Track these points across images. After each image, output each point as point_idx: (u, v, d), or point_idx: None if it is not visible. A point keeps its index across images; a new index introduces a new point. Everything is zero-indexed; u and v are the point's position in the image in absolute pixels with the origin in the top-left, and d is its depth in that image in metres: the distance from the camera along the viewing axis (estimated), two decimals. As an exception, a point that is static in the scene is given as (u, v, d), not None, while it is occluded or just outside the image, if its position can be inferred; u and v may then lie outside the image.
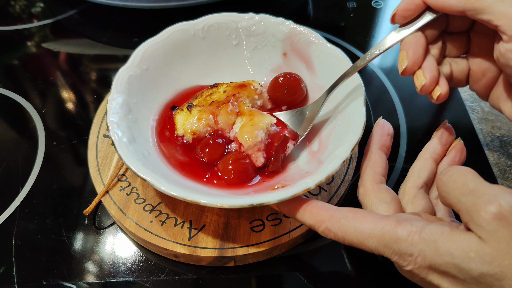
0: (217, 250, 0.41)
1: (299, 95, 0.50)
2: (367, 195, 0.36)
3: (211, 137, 0.45)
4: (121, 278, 0.42)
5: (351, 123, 0.42)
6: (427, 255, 0.29)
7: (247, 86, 0.49)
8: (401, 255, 0.30)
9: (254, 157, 0.44)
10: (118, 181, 0.47)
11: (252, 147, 0.44)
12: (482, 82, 0.39)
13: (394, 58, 0.66)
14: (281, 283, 0.42)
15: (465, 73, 0.40)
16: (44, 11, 0.76)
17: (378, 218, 0.31)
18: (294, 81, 0.50)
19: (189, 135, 0.46)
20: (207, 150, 0.45)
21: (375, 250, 0.31)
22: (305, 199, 0.37)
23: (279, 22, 0.51)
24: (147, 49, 0.49)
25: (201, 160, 0.45)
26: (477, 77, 0.40)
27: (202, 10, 0.56)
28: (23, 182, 0.50)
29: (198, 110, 0.46)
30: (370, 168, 0.38)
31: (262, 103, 0.50)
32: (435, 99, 0.38)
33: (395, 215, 0.32)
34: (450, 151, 0.39)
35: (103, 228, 0.46)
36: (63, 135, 0.55)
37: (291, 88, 0.49)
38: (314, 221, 0.34)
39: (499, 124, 0.56)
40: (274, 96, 0.50)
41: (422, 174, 0.38)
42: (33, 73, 0.64)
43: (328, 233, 0.33)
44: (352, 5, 0.76)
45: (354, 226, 0.32)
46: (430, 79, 0.37)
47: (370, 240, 0.31)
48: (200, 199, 0.36)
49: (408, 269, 0.30)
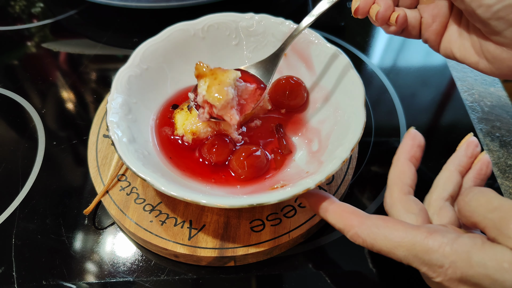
0: (217, 250, 0.41)
1: (299, 100, 0.50)
2: (394, 206, 0.35)
3: (217, 138, 0.45)
4: (121, 278, 0.42)
5: (351, 123, 0.42)
6: (459, 267, 0.28)
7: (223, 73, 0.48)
8: (431, 266, 0.29)
9: (229, 115, 0.43)
10: (118, 181, 0.47)
11: (225, 106, 0.42)
12: (433, 27, 0.41)
13: (394, 58, 0.66)
14: (281, 283, 0.42)
15: (418, 20, 0.42)
16: (44, 11, 0.76)
17: (408, 228, 0.31)
18: (296, 85, 0.49)
19: (189, 135, 0.46)
20: (214, 151, 0.45)
21: (404, 260, 0.31)
22: (332, 198, 0.36)
23: (279, 22, 0.51)
24: (147, 49, 0.49)
25: (204, 161, 0.45)
26: (428, 23, 0.41)
27: (202, 10, 0.56)
28: (23, 182, 0.50)
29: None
30: (398, 179, 0.37)
31: (262, 103, 0.50)
32: (395, 22, 0.40)
33: (426, 225, 0.32)
34: (476, 163, 0.39)
35: (103, 228, 0.46)
36: (63, 135, 0.55)
37: (292, 92, 0.49)
38: (344, 225, 0.34)
39: (499, 124, 0.56)
40: (274, 98, 0.50)
41: (448, 186, 0.37)
42: (33, 73, 0.64)
43: (356, 239, 0.33)
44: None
45: (384, 234, 0.31)
46: (384, 6, 0.40)
47: (400, 249, 0.30)
48: (200, 199, 0.36)
49: (437, 280, 0.30)
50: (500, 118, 0.57)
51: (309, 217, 0.43)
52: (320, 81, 0.49)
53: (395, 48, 0.68)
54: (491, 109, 0.58)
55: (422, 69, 0.64)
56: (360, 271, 0.42)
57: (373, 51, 0.67)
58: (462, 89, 0.61)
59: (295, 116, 0.50)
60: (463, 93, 0.60)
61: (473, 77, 0.62)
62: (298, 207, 0.44)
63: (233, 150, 0.45)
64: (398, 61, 0.66)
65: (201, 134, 0.46)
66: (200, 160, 0.46)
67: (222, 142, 0.45)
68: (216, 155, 0.44)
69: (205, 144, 0.45)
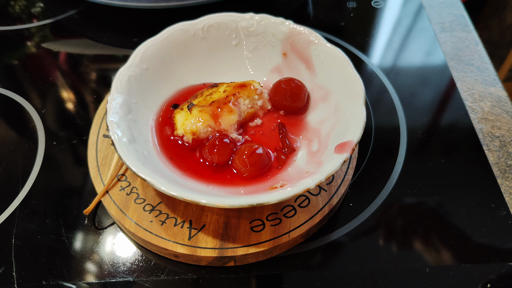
0: (217, 250, 0.41)
1: (299, 103, 0.49)
2: None
3: (217, 138, 0.45)
4: (121, 278, 0.42)
5: (351, 123, 0.42)
6: None
7: (247, 86, 0.49)
8: None
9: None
10: (118, 181, 0.47)
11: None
12: None
13: (394, 58, 0.66)
14: (281, 283, 0.42)
15: None
16: (44, 11, 0.76)
17: None
18: (297, 88, 0.49)
19: (189, 135, 0.46)
20: (215, 151, 0.44)
21: None
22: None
23: (279, 22, 0.51)
24: (147, 49, 0.49)
25: (205, 161, 0.45)
26: None
27: (202, 10, 0.56)
28: (22, 182, 0.50)
29: (198, 110, 0.46)
30: None
31: (262, 103, 0.50)
32: None
33: None
34: None
35: (103, 228, 0.46)
36: (63, 135, 0.55)
37: (292, 94, 0.49)
38: None
39: (499, 124, 0.56)
40: (274, 99, 0.50)
41: None
42: (33, 73, 0.64)
43: None
44: (352, 5, 0.76)
45: None
46: None
47: None
48: (200, 199, 0.36)
49: None
50: (500, 118, 0.57)
51: (309, 217, 0.43)
52: (320, 81, 0.49)
53: (395, 48, 0.68)
54: (491, 109, 0.58)
55: (422, 69, 0.64)
56: (360, 271, 0.42)
57: (373, 51, 0.67)
58: (462, 89, 0.61)
59: (296, 117, 0.50)
60: (463, 93, 0.60)
61: (473, 77, 0.62)
62: (298, 207, 0.44)
63: (234, 150, 0.45)
64: (398, 61, 0.66)
65: (201, 134, 0.46)
66: (201, 161, 0.46)
67: (222, 142, 0.45)
68: (217, 155, 0.44)
69: (205, 146, 0.45)
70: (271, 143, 0.47)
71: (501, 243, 0.44)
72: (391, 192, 0.49)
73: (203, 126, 0.46)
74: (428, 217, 0.46)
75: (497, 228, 0.45)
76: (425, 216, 0.46)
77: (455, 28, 0.71)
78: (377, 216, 0.46)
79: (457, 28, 0.71)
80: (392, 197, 0.48)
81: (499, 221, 0.46)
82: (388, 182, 0.49)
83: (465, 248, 0.44)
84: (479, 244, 0.44)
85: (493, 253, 0.43)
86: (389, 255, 0.43)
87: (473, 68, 0.63)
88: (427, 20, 0.72)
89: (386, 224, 0.46)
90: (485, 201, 0.47)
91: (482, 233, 0.45)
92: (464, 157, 0.52)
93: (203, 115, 0.46)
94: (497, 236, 0.45)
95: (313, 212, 0.44)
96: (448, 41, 0.68)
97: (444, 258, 0.43)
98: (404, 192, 0.49)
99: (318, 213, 0.44)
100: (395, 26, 0.71)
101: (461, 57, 0.65)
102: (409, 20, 0.72)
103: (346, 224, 0.46)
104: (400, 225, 0.46)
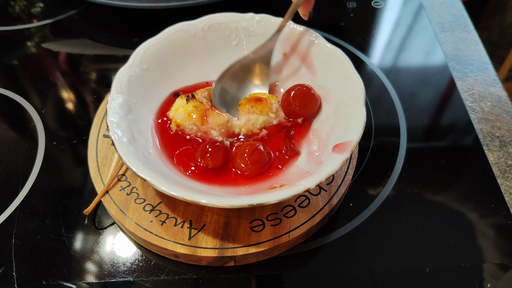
0: (217, 250, 0.41)
1: (313, 104, 0.48)
2: None
3: (208, 143, 0.45)
4: (121, 278, 0.42)
5: (351, 123, 0.42)
6: None
7: (263, 101, 0.47)
8: None
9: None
10: (118, 181, 0.47)
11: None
12: None
13: (394, 58, 0.66)
14: (281, 283, 0.42)
15: None
16: (44, 11, 0.76)
17: None
18: (312, 98, 0.48)
19: (173, 125, 0.47)
20: (208, 156, 0.44)
21: None
22: None
23: (279, 22, 0.51)
24: (147, 49, 0.49)
25: (204, 166, 0.45)
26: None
27: (202, 10, 0.56)
28: (22, 182, 0.50)
29: (193, 105, 0.46)
30: None
31: (278, 121, 0.48)
32: None
33: None
34: None
35: (103, 228, 0.46)
36: (63, 135, 0.55)
37: (303, 99, 0.47)
38: None
39: (499, 124, 0.56)
40: (287, 110, 0.48)
41: None
42: (33, 73, 0.64)
43: None
44: (352, 5, 0.76)
45: None
46: None
47: None
48: (200, 199, 0.36)
49: None
50: (500, 118, 0.57)
51: (309, 217, 0.43)
52: (320, 81, 0.49)
53: (395, 48, 0.68)
54: (491, 109, 0.58)
55: (422, 69, 0.64)
56: (360, 271, 0.42)
57: (373, 51, 0.67)
58: (462, 89, 0.61)
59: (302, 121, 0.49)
60: (463, 93, 0.60)
61: (473, 77, 0.62)
62: (298, 207, 0.44)
63: (228, 152, 0.45)
64: (398, 61, 0.66)
65: (185, 129, 0.46)
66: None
67: (215, 147, 0.44)
68: (211, 160, 0.44)
69: (197, 151, 0.45)
70: (273, 143, 0.47)
71: (501, 243, 0.44)
72: (391, 192, 0.49)
73: (189, 123, 0.46)
74: (428, 217, 0.46)
75: (497, 228, 0.45)
76: (425, 216, 0.46)
77: (455, 28, 0.71)
78: (377, 216, 0.46)
79: (457, 28, 0.71)
80: (392, 197, 0.48)
81: (499, 221, 0.46)
82: (388, 182, 0.49)
83: (465, 248, 0.44)
84: (479, 244, 0.44)
85: (493, 253, 0.43)
86: (389, 255, 0.43)
87: (473, 68, 0.64)
88: (427, 20, 0.72)
89: (386, 224, 0.46)
90: (485, 201, 0.47)
91: (482, 233, 0.45)
92: (464, 157, 0.52)
93: (195, 112, 0.46)
94: (497, 236, 0.45)
95: (313, 212, 0.44)
96: (448, 41, 0.68)
97: (444, 258, 0.43)
98: (404, 192, 0.49)
99: (318, 213, 0.44)
100: (395, 26, 0.71)
101: (461, 57, 0.65)
102: (409, 20, 0.72)
103: (346, 224, 0.46)
104: (400, 225, 0.46)
